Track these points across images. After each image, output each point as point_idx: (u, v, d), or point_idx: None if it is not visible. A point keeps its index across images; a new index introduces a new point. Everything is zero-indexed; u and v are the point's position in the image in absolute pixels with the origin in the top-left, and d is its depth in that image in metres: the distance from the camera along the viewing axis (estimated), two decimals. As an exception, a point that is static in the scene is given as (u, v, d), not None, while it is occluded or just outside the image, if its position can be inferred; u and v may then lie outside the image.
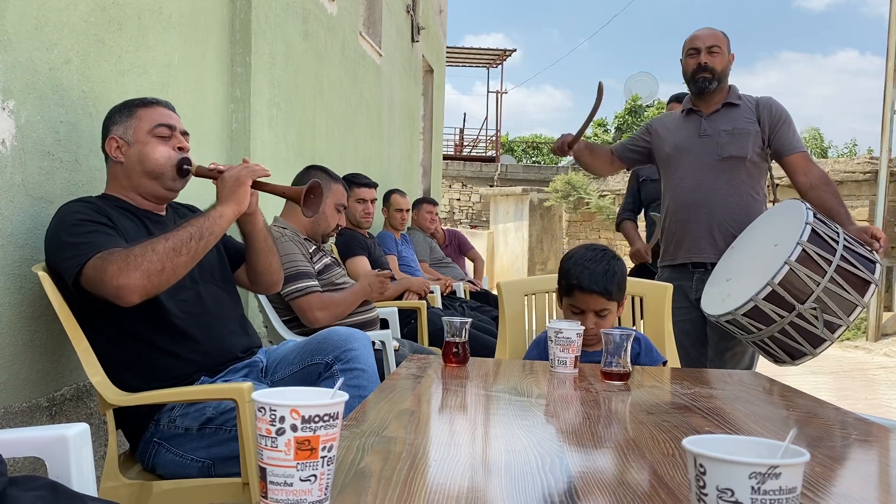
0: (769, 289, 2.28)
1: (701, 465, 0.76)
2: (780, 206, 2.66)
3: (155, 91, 2.53)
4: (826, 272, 2.27)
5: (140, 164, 1.94)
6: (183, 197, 2.10)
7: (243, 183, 1.92)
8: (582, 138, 3.01)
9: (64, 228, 1.79)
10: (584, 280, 1.91)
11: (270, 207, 3.41)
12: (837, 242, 2.31)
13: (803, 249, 2.27)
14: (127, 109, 1.97)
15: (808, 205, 2.45)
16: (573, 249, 2.04)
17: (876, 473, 1.15)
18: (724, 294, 2.49)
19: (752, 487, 0.73)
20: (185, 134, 2.02)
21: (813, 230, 2.31)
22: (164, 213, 2.05)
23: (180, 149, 1.98)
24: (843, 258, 2.28)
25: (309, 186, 2.02)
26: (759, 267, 2.40)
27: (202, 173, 1.99)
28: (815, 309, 2.27)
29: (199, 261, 1.83)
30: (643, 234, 4.21)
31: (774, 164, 2.90)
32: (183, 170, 1.97)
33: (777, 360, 2.50)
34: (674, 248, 2.88)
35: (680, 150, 2.86)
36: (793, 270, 2.26)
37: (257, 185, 1.97)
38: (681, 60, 2.90)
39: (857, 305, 2.31)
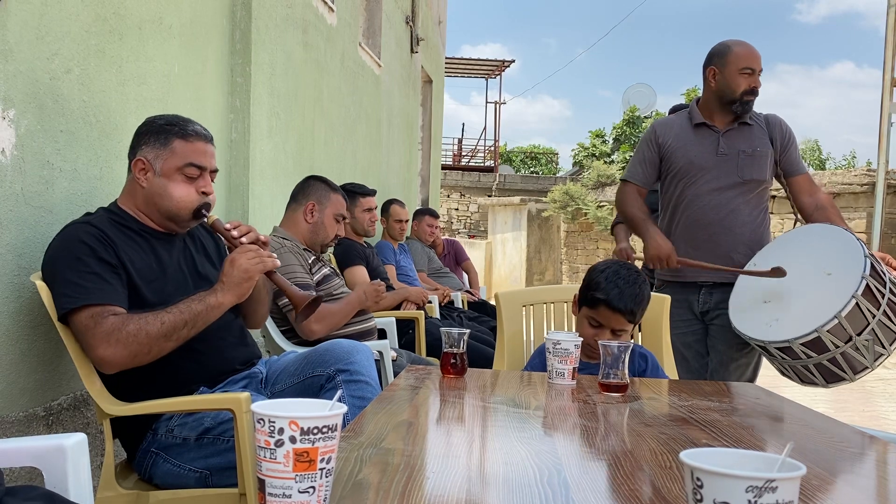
0: (836, 321, 2.28)
1: (698, 479, 0.77)
2: (812, 229, 2.64)
3: (155, 101, 2.54)
4: (881, 304, 2.29)
5: (160, 197, 1.90)
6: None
7: (251, 278, 1.86)
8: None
9: (65, 260, 1.77)
10: (614, 298, 1.91)
11: (270, 216, 3.42)
12: (885, 273, 2.34)
13: (867, 283, 2.28)
14: (164, 136, 1.90)
15: (853, 232, 2.46)
16: (604, 262, 2.03)
17: (873, 487, 1.15)
18: (769, 319, 2.46)
19: (749, 501, 0.73)
20: (214, 172, 1.98)
21: (871, 263, 2.32)
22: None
23: (204, 192, 1.94)
24: (891, 290, 2.31)
25: (312, 299, 2.01)
26: (814, 295, 2.39)
27: (216, 228, 1.94)
28: (868, 340, 2.30)
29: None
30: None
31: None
32: (199, 215, 1.94)
33: (804, 381, 2.49)
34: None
35: (696, 167, 2.79)
36: (857, 304, 2.28)
37: (266, 274, 1.93)
38: (713, 70, 2.76)
39: None
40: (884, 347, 2.33)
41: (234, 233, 1.92)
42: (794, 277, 2.52)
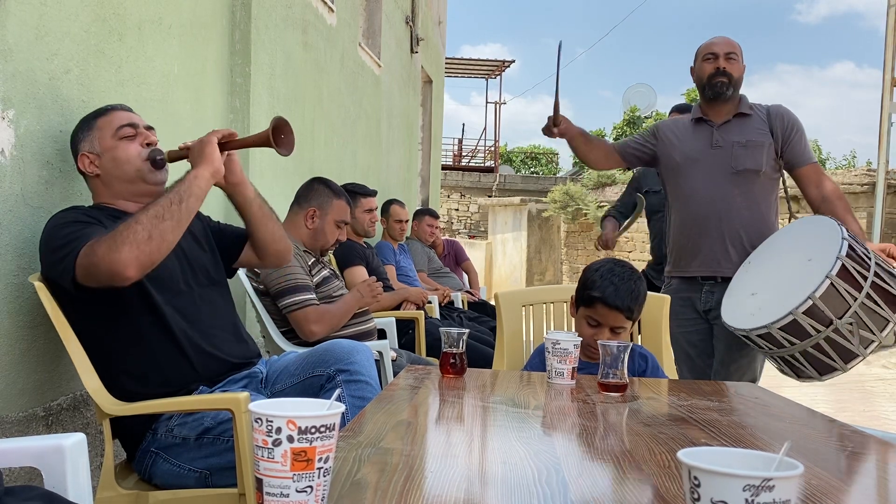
0: (810, 303, 2.25)
1: (695, 478, 0.77)
2: (802, 221, 2.63)
3: (154, 101, 2.54)
4: (863, 287, 2.26)
5: (115, 168, 1.95)
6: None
7: (209, 142, 1.90)
8: (574, 125, 2.92)
9: (54, 234, 1.80)
10: (610, 295, 1.92)
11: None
12: (870, 258, 2.31)
13: (843, 264, 2.25)
14: (86, 124, 1.98)
15: (838, 220, 2.43)
16: (599, 261, 2.03)
17: (873, 487, 1.15)
18: (753, 309, 2.45)
19: (747, 500, 0.73)
20: (149, 128, 2.03)
21: (849, 245, 2.29)
22: None
23: (148, 144, 1.98)
24: (876, 274, 2.28)
25: (273, 126, 1.94)
26: (794, 281, 2.37)
27: (174, 157, 1.98)
28: (851, 324, 2.26)
29: (185, 229, 1.80)
30: (647, 245, 4.28)
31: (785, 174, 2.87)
32: (157, 161, 1.97)
33: (800, 376, 2.47)
34: (685, 260, 2.83)
35: (691, 161, 2.80)
36: (833, 285, 2.25)
37: (225, 146, 1.95)
38: (691, 68, 2.85)
39: (889, 321, 2.30)
40: (872, 333, 2.29)
41: (189, 143, 1.97)
42: (780, 269, 2.52)
